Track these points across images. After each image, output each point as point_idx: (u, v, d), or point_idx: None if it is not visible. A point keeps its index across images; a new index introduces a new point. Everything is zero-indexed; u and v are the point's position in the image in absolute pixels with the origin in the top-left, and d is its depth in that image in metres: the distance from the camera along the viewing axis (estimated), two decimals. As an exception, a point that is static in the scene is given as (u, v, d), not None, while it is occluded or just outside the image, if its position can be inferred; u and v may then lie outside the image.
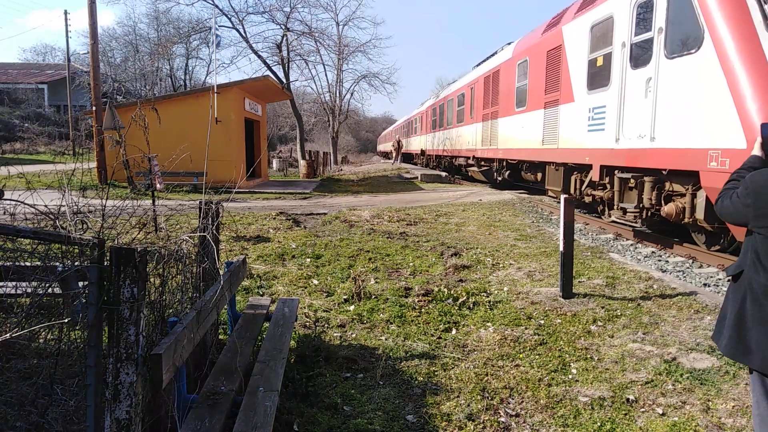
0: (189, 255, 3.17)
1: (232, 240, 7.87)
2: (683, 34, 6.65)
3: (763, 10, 5.65)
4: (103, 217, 2.69)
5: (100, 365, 2.12)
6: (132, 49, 47.60)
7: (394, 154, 36.71)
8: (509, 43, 15.04)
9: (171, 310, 2.92)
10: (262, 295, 5.32)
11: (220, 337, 4.03)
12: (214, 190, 4.50)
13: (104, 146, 15.91)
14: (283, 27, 29.09)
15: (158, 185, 11.43)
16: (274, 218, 10.11)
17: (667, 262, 7.19)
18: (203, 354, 3.28)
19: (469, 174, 20.36)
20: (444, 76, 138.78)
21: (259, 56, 29.42)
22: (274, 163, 31.29)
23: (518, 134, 13.05)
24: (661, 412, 3.18)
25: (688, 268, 6.85)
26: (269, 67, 29.50)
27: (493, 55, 16.77)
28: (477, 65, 18.90)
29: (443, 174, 23.12)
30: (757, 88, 5.48)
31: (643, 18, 7.52)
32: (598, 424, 3.06)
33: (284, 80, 29.18)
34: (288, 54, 30.03)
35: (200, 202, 3.45)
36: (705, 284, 6.12)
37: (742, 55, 5.67)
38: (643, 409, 3.22)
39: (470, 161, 19.21)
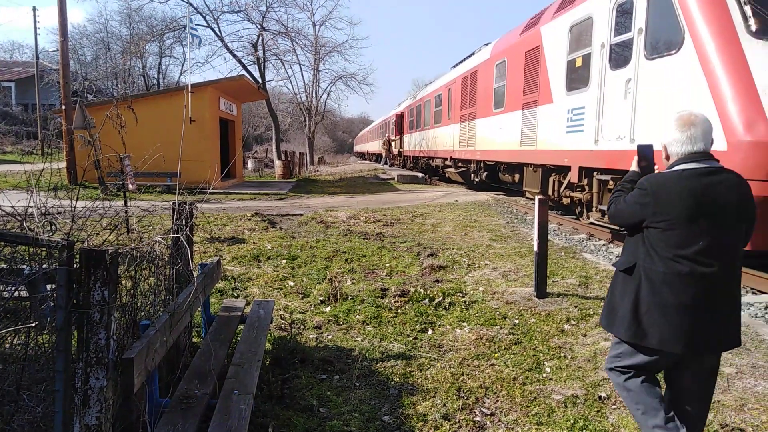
0: (162, 257, 3.12)
1: (206, 241, 7.77)
2: (663, 35, 6.63)
3: (743, 11, 5.65)
4: (73, 219, 2.63)
5: (69, 370, 2.08)
6: (103, 47, 46.65)
7: (384, 154, 35.30)
8: (487, 44, 15.12)
9: (143, 313, 2.87)
10: (236, 297, 5.27)
11: (194, 339, 3.97)
12: (188, 191, 4.44)
13: (74, 146, 15.57)
14: (259, 26, 28.80)
15: (130, 186, 11.22)
16: (249, 219, 10.01)
17: (638, 261, 7.32)
18: (176, 357, 3.23)
19: (447, 175, 20.46)
20: (421, 77, 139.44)
21: (235, 55, 29.07)
22: (250, 164, 31.00)
23: (496, 135, 13.10)
24: (631, 408, 3.24)
25: (658, 267, 6.99)
26: (244, 67, 29.16)
27: (470, 55, 16.80)
28: (454, 66, 18.97)
29: (420, 175, 23.24)
30: (737, 89, 5.47)
31: (623, 19, 7.51)
32: (572, 421, 3.10)
33: (260, 80, 28.86)
34: (264, 53, 29.71)
35: (174, 203, 3.40)
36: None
37: (722, 57, 5.65)
38: (614, 406, 3.28)
39: (447, 162, 19.31)
